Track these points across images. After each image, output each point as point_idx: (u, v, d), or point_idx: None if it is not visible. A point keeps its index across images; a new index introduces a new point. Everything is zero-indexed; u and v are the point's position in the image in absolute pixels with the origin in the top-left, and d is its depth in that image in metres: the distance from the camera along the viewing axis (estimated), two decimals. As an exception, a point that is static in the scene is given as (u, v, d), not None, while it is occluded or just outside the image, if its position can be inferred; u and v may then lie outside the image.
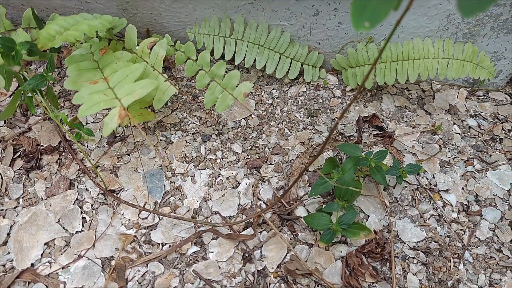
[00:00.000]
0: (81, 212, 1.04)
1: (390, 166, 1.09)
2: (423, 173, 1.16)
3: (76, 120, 1.05)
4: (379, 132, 1.22)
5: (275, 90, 1.28)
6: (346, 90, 1.31)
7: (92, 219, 1.03)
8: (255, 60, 1.20)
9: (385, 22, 1.20)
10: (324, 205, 1.06)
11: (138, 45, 1.05)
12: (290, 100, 1.27)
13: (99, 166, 1.12)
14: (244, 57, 1.18)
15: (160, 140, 1.17)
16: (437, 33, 1.22)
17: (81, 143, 1.16)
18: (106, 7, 1.19)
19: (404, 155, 1.19)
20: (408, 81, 1.17)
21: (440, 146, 1.23)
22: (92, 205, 1.06)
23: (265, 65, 1.20)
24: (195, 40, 1.18)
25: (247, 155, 1.15)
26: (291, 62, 1.23)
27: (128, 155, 1.14)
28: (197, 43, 1.16)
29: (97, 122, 1.20)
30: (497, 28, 1.20)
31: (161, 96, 0.98)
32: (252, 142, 1.17)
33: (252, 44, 1.17)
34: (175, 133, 1.18)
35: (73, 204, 1.05)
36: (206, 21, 1.16)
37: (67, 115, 1.20)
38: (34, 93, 0.98)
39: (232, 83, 0.97)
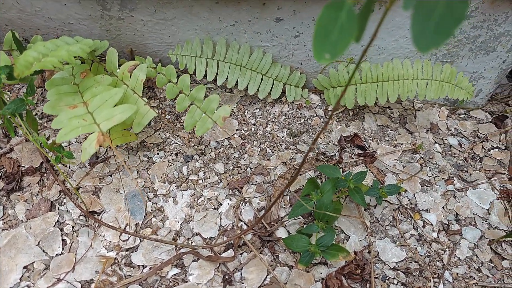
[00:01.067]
0: (62, 234, 1.04)
1: (371, 185, 1.09)
2: (404, 193, 1.17)
3: (55, 144, 1.05)
4: (361, 152, 1.23)
5: (258, 110, 1.29)
6: (329, 109, 1.32)
7: (73, 242, 1.03)
8: (237, 81, 1.21)
9: (365, 44, 1.21)
10: (305, 226, 1.06)
11: (120, 67, 1.06)
12: (273, 120, 1.28)
13: (80, 187, 1.12)
14: (227, 78, 1.19)
15: (143, 161, 1.17)
16: (417, 53, 1.24)
17: (63, 164, 1.16)
18: (89, 28, 1.20)
19: (385, 175, 1.20)
20: (389, 101, 1.19)
21: (421, 165, 1.24)
22: (73, 227, 1.05)
23: (247, 86, 1.21)
24: (178, 61, 1.19)
25: (229, 175, 1.15)
26: (273, 83, 1.24)
27: (110, 175, 1.14)
28: (179, 64, 1.17)
29: (80, 143, 1.20)
30: (475, 49, 1.22)
31: (140, 119, 0.98)
32: (234, 163, 1.18)
33: (234, 65, 1.18)
34: (158, 153, 1.19)
35: (54, 226, 1.05)
36: (188, 43, 1.17)
37: (49, 136, 1.21)
38: (14, 116, 0.98)
39: (212, 106, 0.98)
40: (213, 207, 1.10)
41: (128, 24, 1.17)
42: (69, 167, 1.16)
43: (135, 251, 1.02)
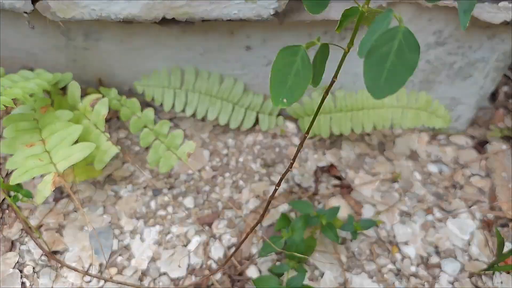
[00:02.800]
0: (21, 276, 0.99)
1: (349, 215, 1.05)
2: (381, 225, 1.14)
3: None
4: (337, 182, 1.19)
5: (231, 139, 1.25)
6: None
7: (33, 284, 0.98)
8: (207, 111, 1.17)
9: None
10: (277, 263, 1.02)
11: (83, 100, 1.02)
12: (246, 150, 1.24)
13: (43, 225, 1.07)
14: (196, 108, 1.16)
15: (109, 195, 1.13)
16: (393, 80, 1.20)
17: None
18: (55, 58, 1.16)
19: (363, 206, 1.17)
20: (364, 131, 1.15)
21: (400, 194, 1.20)
22: (33, 268, 1.00)
23: (218, 116, 1.18)
24: (145, 92, 1.15)
25: (199, 210, 1.11)
26: (245, 112, 1.20)
27: (76, 211, 1.10)
28: (146, 95, 1.13)
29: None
30: (452, 75, 1.19)
31: (102, 156, 0.94)
32: (205, 196, 1.14)
33: (204, 95, 1.14)
34: (126, 187, 1.15)
35: (13, 267, 1.00)
36: (156, 73, 1.14)
37: (9, 172, 1.16)
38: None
39: (176, 142, 0.94)
40: (182, 244, 1.06)
41: (94, 53, 1.13)
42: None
43: (98, 294, 0.97)
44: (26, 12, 0.90)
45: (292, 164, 0.72)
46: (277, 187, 0.76)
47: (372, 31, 0.48)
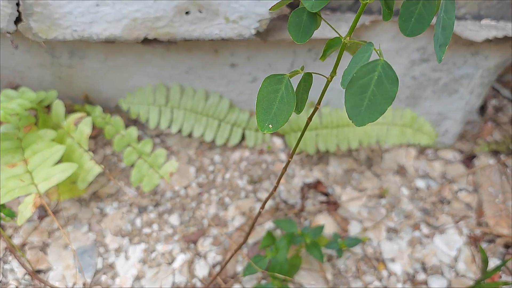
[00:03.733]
0: (4, 296, 0.99)
1: (335, 234, 1.05)
2: (368, 241, 1.13)
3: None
4: (324, 199, 1.19)
5: (218, 156, 1.25)
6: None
7: (16, 304, 0.98)
8: (193, 128, 1.17)
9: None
10: (262, 281, 1.02)
11: (67, 119, 1.02)
12: (233, 166, 1.24)
13: (27, 243, 1.06)
14: (182, 125, 1.15)
15: (95, 213, 1.12)
16: (379, 96, 1.21)
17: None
18: (40, 75, 1.16)
19: (349, 222, 1.16)
20: (350, 147, 1.15)
21: (387, 210, 1.20)
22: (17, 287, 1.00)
23: (204, 133, 1.18)
24: (130, 110, 1.15)
25: (185, 227, 1.11)
26: (231, 128, 1.20)
27: (61, 229, 1.09)
28: (131, 113, 1.13)
29: (30, 194, 1.15)
30: (438, 91, 1.20)
31: (85, 176, 0.94)
32: (191, 213, 1.13)
33: (190, 112, 1.14)
34: (111, 204, 1.14)
35: (-4, 287, 1.00)
36: (141, 90, 1.14)
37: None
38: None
39: (159, 161, 0.94)
40: (167, 262, 1.05)
41: (79, 71, 1.13)
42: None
43: (81, 314, 0.96)
44: (9, 33, 0.90)
45: (276, 187, 0.72)
46: (261, 210, 0.75)
47: (353, 63, 0.49)
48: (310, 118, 0.63)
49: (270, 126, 0.53)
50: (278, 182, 0.69)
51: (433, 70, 1.15)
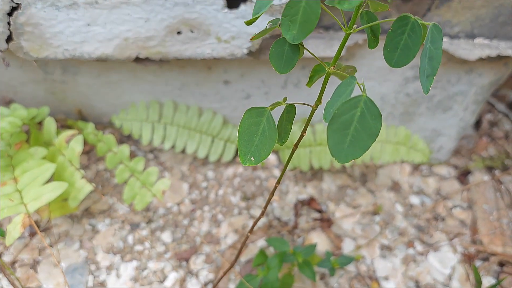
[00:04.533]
0: (-7, 315, 0.98)
1: (327, 252, 1.04)
2: (361, 259, 1.13)
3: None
4: (317, 216, 1.19)
5: (211, 172, 1.25)
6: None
7: (5, 323, 0.97)
8: (186, 144, 1.16)
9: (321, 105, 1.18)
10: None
11: (58, 136, 1.01)
12: (226, 182, 1.23)
13: (17, 261, 1.05)
14: (175, 142, 1.15)
15: (87, 230, 1.11)
16: (374, 112, 1.20)
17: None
18: (33, 91, 1.16)
19: (343, 239, 1.16)
20: (344, 164, 1.15)
21: (381, 227, 1.20)
22: (6, 307, 0.99)
23: (197, 150, 1.17)
24: (123, 126, 1.14)
25: (177, 245, 1.10)
26: (225, 144, 1.20)
27: (51, 246, 1.08)
28: (124, 129, 1.13)
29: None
30: (432, 107, 1.20)
31: (76, 194, 0.93)
32: (183, 230, 1.13)
33: (183, 128, 1.14)
34: (104, 221, 1.13)
35: (-15, 306, 0.99)
36: (134, 106, 1.13)
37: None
38: None
39: (151, 179, 0.94)
40: (158, 280, 1.04)
41: (73, 87, 1.13)
42: (7, 238, 1.09)
43: (71, 334, 0.95)
44: (0, 51, 0.89)
45: (263, 212, 0.71)
46: (249, 234, 0.75)
47: (336, 96, 0.49)
48: (296, 145, 0.63)
49: (252, 159, 0.52)
50: (265, 207, 0.69)
51: (427, 87, 1.14)
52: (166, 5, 0.82)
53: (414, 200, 1.27)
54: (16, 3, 0.81)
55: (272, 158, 1.30)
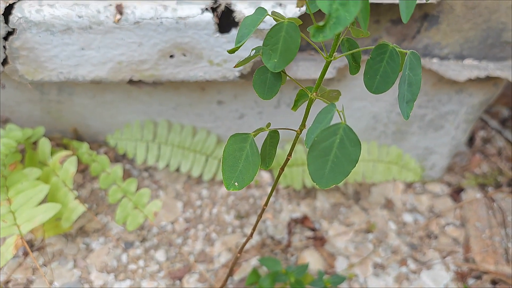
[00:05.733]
0: (-14, 335, 0.98)
1: (319, 271, 1.04)
2: (354, 277, 1.13)
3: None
4: (311, 234, 1.19)
5: (205, 190, 1.26)
6: (279, 188, 1.29)
7: None
8: (180, 163, 1.17)
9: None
10: (247, 320, 1.01)
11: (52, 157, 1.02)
12: (220, 201, 1.24)
13: (11, 280, 1.06)
14: (169, 161, 1.16)
15: (81, 249, 1.12)
16: (366, 131, 1.22)
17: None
18: (30, 110, 1.17)
19: (336, 258, 1.16)
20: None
21: (374, 245, 1.20)
22: (-1, 327, 0.99)
23: (191, 169, 1.18)
24: (117, 146, 1.15)
25: (171, 263, 1.10)
26: (219, 164, 1.21)
27: (45, 266, 1.09)
28: (118, 149, 1.14)
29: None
30: (424, 126, 1.21)
31: (69, 215, 0.94)
32: (177, 249, 1.13)
33: (177, 147, 1.15)
34: (98, 239, 1.14)
35: (-22, 326, 0.99)
36: (128, 126, 1.15)
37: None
38: None
39: (143, 201, 0.95)
40: (152, 300, 1.05)
41: (68, 106, 1.14)
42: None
43: None
44: (-4, 73, 0.91)
45: (252, 233, 0.72)
46: (238, 255, 0.76)
47: (317, 123, 0.50)
48: (282, 168, 0.64)
49: (236, 184, 0.53)
50: (254, 228, 0.70)
51: (418, 106, 1.16)
52: (159, 30, 0.84)
53: (407, 218, 1.28)
54: (12, 28, 0.82)
55: (266, 176, 1.31)
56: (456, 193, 1.36)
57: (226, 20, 0.86)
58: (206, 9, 0.84)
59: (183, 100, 1.11)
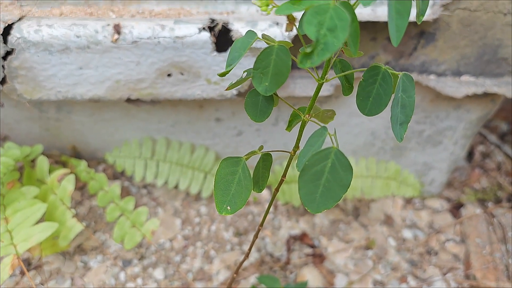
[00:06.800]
0: None
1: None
2: (354, 295, 1.12)
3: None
4: (310, 251, 1.18)
5: (204, 207, 1.25)
6: (278, 204, 1.28)
7: None
8: (179, 180, 1.17)
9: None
10: None
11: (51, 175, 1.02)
12: (219, 218, 1.24)
13: (8, 300, 1.05)
14: (167, 178, 1.16)
15: (78, 267, 1.11)
16: (365, 147, 1.22)
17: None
18: (29, 128, 1.17)
19: (335, 275, 1.15)
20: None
21: (373, 262, 1.19)
22: None
23: (189, 186, 1.18)
24: (115, 163, 1.16)
25: (169, 282, 1.10)
26: (217, 180, 1.20)
27: (42, 284, 1.08)
28: (117, 166, 1.14)
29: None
30: (422, 142, 1.21)
31: (67, 233, 0.94)
32: (175, 267, 1.13)
33: (175, 164, 1.15)
34: (95, 257, 1.13)
35: None
36: (127, 144, 1.15)
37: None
38: None
39: (141, 219, 0.95)
40: (150, 319, 1.04)
41: (67, 124, 1.15)
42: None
43: None
44: (-5, 92, 0.91)
45: (248, 253, 0.72)
46: (234, 275, 0.75)
47: (309, 146, 0.50)
48: (277, 189, 0.64)
49: (228, 208, 0.53)
50: (250, 249, 0.69)
51: (416, 122, 1.16)
52: (156, 49, 0.85)
53: (407, 234, 1.27)
54: (11, 48, 0.83)
55: (264, 193, 1.30)
56: (456, 208, 1.36)
57: (223, 39, 0.87)
58: (204, 28, 0.84)
59: (182, 118, 1.11)
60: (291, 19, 0.46)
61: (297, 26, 0.48)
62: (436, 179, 1.32)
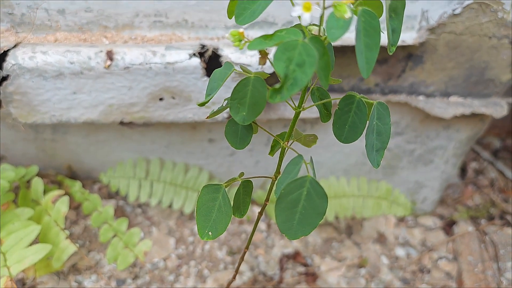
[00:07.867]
0: None
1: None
2: (346, 314, 1.13)
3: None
4: (303, 270, 1.19)
5: (198, 226, 1.26)
6: (271, 223, 1.30)
7: None
8: (172, 200, 1.19)
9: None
10: None
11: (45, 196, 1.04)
12: (212, 236, 1.24)
13: (3, 320, 1.06)
14: (161, 198, 1.18)
15: (72, 287, 1.12)
16: (356, 166, 1.23)
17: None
18: (25, 148, 1.19)
19: (328, 294, 1.16)
20: (326, 220, 1.17)
21: (366, 280, 1.20)
22: None
23: (183, 205, 1.19)
24: (110, 183, 1.17)
25: (162, 302, 1.11)
26: (211, 199, 1.22)
27: (37, 305, 1.09)
28: (111, 186, 1.16)
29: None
30: (413, 161, 1.23)
31: (60, 255, 0.95)
32: (169, 286, 1.13)
33: (169, 184, 1.16)
34: (90, 277, 1.14)
35: None
36: (121, 164, 1.17)
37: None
38: None
39: (133, 240, 0.96)
40: None
41: (62, 145, 1.16)
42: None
43: None
44: (-10, 116, 0.94)
45: (235, 275, 0.73)
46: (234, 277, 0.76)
47: (286, 173, 0.51)
48: (260, 213, 0.65)
49: (210, 233, 0.54)
50: (237, 270, 0.71)
51: (407, 142, 1.18)
52: (148, 75, 0.87)
53: (400, 252, 1.28)
54: (6, 74, 0.85)
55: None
56: (449, 226, 1.37)
57: (214, 63, 0.89)
58: (194, 54, 0.86)
59: (175, 139, 1.13)
60: (263, 54, 0.48)
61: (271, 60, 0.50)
62: (428, 197, 1.33)
